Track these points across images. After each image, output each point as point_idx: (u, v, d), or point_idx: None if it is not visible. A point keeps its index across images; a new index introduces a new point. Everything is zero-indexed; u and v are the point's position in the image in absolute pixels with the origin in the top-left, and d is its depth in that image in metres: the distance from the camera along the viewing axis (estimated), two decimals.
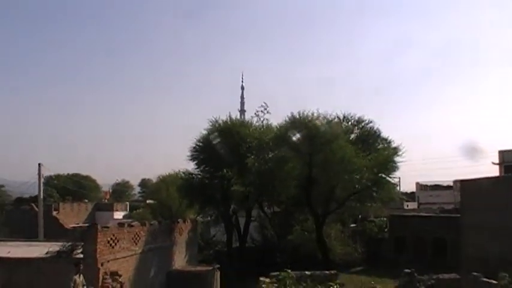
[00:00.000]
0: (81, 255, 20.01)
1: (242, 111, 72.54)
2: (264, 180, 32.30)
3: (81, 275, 17.19)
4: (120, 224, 23.80)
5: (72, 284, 16.66)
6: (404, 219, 41.82)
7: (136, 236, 23.99)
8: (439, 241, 36.55)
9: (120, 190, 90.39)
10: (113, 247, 21.44)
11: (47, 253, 21.06)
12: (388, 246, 40.59)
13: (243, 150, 34.47)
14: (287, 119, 32.75)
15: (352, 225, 43.86)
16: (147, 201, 66.56)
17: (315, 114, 31.54)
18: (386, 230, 43.35)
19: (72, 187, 71.87)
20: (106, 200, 74.66)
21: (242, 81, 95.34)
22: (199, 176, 37.57)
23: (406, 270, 20.26)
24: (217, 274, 29.58)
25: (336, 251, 34.33)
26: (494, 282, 18.37)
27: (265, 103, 38.83)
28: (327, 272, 20.55)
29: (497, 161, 44.33)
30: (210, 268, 29.65)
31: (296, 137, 31.72)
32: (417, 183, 61.91)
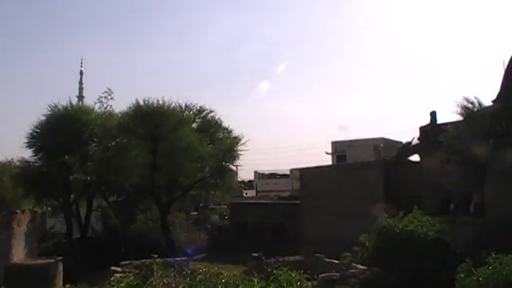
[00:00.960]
0: None
1: (80, 97, 70.17)
2: (106, 168, 31.64)
3: None
4: None
5: None
6: (244, 207, 43.33)
7: None
8: (278, 226, 38.34)
9: None
10: None
11: None
12: (230, 233, 41.74)
13: (85, 137, 33.52)
14: (131, 106, 32.45)
15: (193, 213, 44.44)
16: None
17: (160, 102, 31.56)
18: (226, 217, 44.55)
19: None
20: None
21: (81, 67, 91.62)
22: (36, 164, 35.93)
23: (254, 254, 20.91)
24: (60, 266, 28.47)
25: (181, 238, 34.60)
26: (336, 261, 19.71)
27: (109, 89, 38.24)
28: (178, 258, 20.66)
29: (330, 151, 47.43)
30: (52, 260, 28.38)
31: (140, 124, 31.48)
32: (255, 172, 64.17)
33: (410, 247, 17.14)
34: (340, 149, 46.33)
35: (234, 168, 34.33)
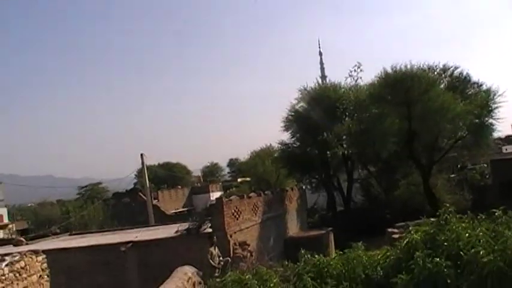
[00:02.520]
0: (210, 230, 20.79)
1: (323, 76, 71.98)
2: (363, 140, 32.47)
3: (216, 247, 17.93)
4: (240, 196, 24.63)
5: (210, 256, 17.34)
6: (507, 163, 40.78)
7: (254, 206, 24.91)
8: None
9: (210, 172, 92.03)
10: (237, 218, 22.38)
11: (176, 232, 22.03)
12: (493, 192, 39.70)
13: (339, 113, 34.80)
14: (379, 75, 32.69)
15: (451, 175, 43.13)
16: (239, 180, 67.95)
17: (408, 66, 31.29)
18: (487, 176, 42.43)
19: (164, 175, 74.14)
20: (199, 184, 76.35)
21: (319, 47, 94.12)
22: (294, 145, 38.23)
23: None
24: (331, 236, 30.14)
25: (445, 200, 33.94)
26: None
27: (358, 62, 39.10)
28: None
29: None
30: (324, 231, 30.24)
31: (391, 92, 31.57)
32: None
33: None
34: None
35: (494, 122, 32.29)
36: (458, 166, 43.85)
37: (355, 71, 37.92)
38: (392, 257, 8.65)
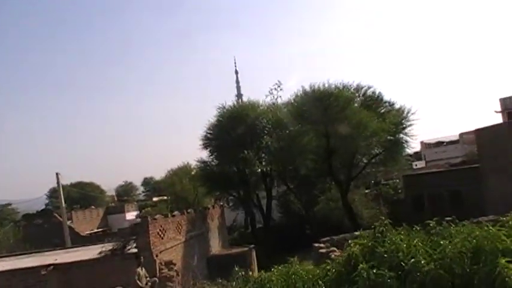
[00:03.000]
0: (135, 250, 20.22)
1: (239, 95, 72.47)
2: (282, 157, 32.83)
3: (143, 268, 17.41)
4: (164, 215, 24.13)
5: (137, 277, 16.81)
6: (418, 178, 42.46)
7: (179, 225, 24.50)
8: (455, 194, 37.13)
9: (124, 191, 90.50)
10: (162, 238, 21.88)
11: (100, 253, 21.24)
12: (406, 205, 41.18)
13: (258, 131, 34.96)
14: (298, 93, 33.28)
15: (366, 190, 44.41)
16: (154, 199, 66.95)
17: (326, 85, 32.05)
18: (400, 191, 43.99)
19: (77, 195, 71.99)
20: (113, 204, 74.69)
21: (235, 66, 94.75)
22: (213, 163, 38.04)
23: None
24: (254, 253, 30.11)
25: (363, 215, 34.90)
26: None
27: (278, 81, 39.60)
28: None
29: (499, 109, 45.04)
30: (247, 249, 30.16)
31: (310, 110, 32.14)
32: (421, 142, 62.69)
33: None
34: (511, 105, 43.86)
35: (408, 139, 33.75)
36: (372, 182, 45.18)
37: (275, 89, 38.31)
38: (333, 271, 8.67)
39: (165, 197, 55.31)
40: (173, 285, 19.06)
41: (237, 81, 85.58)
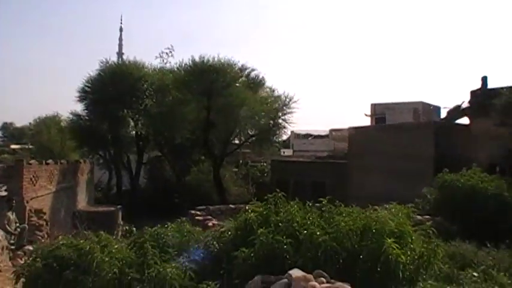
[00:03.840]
0: (5, 193, 19.05)
1: (120, 53, 70.52)
2: (161, 122, 32.51)
3: (14, 213, 16.46)
4: (39, 162, 22.99)
5: (6, 222, 15.82)
6: (285, 164, 43.97)
7: (51, 174, 23.53)
8: (319, 185, 38.99)
9: None
10: (34, 184, 20.89)
11: None
12: (271, 188, 42.40)
13: (140, 93, 34.27)
14: (187, 62, 33.10)
15: (234, 169, 45.23)
16: (13, 146, 63.39)
17: (215, 59, 32.16)
18: (266, 174, 45.27)
19: None
20: None
21: (121, 23, 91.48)
22: (86, 118, 36.74)
23: None
24: (120, 214, 29.70)
25: (231, 191, 35.55)
26: None
27: (171, 45, 38.94)
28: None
29: (369, 113, 47.88)
30: (114, 208, 29.65)
31: (195, 81, 32.09)
32: (292, 132, 64.64)
33: (472, 200, 17.95)
34: (379, 111, 46.75)
35: (286, 125, 34.87)
36: (240, 162, 46.10)
37: (166, 54, 37.71)
38: (228, 233, 8.92)
39: (27, 146, 52.59)
40: (42, 234, 18.30)
41: (120, 39, 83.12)
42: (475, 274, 10.47)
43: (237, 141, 36.65)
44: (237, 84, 33.65)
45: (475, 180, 19.24)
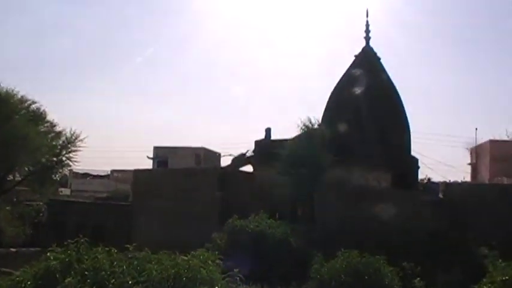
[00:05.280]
0: None
1: None
2: None
3: None
4: None
5: None
6: (63, 204, 42.40)
7: None
8: (100, 226, 38.27)
9: None
10: None
11: None
12: (47, 229, 40.50)
13: None
14: None
15: (7, 207, 42.17)
16: None
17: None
18: (42, 214, 43.03)
19: None
20: None
21: None
22: None
23: None
24: None
25: (7, 233, 33.01)
26: None
27: None
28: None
29: (151, 156, 48.57)
30: None
31: None
32: (70, 170, 62.33)
33: (261, 244, 19.47)
34: (161, 155, 47.63)
35: (70, 164, 33.58)
36: (15, 199, 43.21)
37: None
38: (28, 283, 8.54)
39: None
40: None
41: None
42: None
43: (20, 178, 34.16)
44: (17, 117, 31.81)
45: (263, 225, 20.80)
